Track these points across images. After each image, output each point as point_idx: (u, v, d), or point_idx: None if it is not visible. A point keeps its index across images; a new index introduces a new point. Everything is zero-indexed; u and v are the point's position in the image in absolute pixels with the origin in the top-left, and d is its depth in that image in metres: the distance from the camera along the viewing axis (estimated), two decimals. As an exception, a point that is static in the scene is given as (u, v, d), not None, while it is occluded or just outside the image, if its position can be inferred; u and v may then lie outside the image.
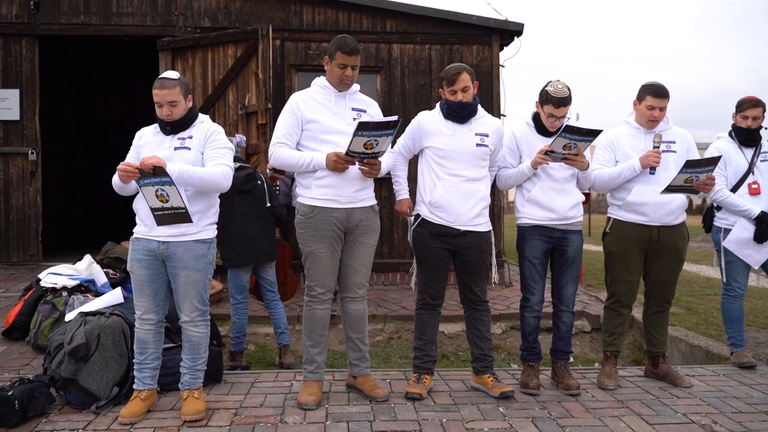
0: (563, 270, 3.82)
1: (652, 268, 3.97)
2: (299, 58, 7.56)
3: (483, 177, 3.67)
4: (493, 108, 7.55)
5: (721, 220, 4.36)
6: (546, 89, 3.67)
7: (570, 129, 3.52)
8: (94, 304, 4.07)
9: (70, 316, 4.03)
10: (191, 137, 3.32)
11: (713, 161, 3.75)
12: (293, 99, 3.53)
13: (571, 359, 4.58)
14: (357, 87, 3.62)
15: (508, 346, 5.79)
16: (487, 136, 3.64)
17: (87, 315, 3.65)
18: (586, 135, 3.56)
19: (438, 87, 3.72)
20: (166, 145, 3.31)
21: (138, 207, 3.31)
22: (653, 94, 3.83)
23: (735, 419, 3.38)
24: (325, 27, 7.57)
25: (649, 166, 3.76)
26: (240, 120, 7.00)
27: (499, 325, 6.03)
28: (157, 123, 3.38)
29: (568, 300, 3.86)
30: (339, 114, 3.49)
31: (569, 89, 3.66)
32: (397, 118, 3.31)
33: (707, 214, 4.53)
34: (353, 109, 3.53)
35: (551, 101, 3.63)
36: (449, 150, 3.58)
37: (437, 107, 3.71)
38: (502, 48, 7.89)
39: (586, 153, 3.70)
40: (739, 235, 4.24)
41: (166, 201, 3.09)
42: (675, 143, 3.91)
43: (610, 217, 4.02)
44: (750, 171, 4.29)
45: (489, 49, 7.73)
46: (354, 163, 3.37)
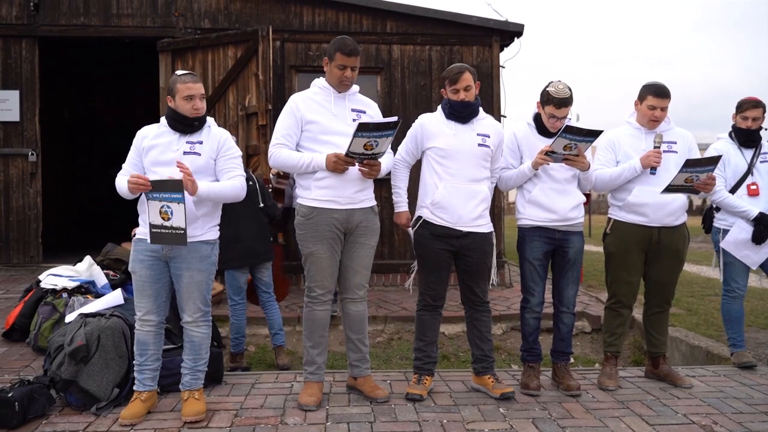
0: (564, 271, 3.82)
1: (652, 268, 3.97)
2: (299, 59, 7.57)
3: (484, 178, 3.67)
4: (494, 109, 7.55)
5: (721, 221, 4.36)
6: (547, 90, 3.67)
7: (570, 129, 3.52)
8: (94, 305, 4.07)
9: (70, 317, 4.03)
10: (201, 143, 3.29)
11: (713, 161, 3.75)
12: (293, 100, 3.53)
13: (572, 360, 4.58)
14: (356, 88, 3.62)
15: (508, 346, 5.79)
16: (489, 136, 3.65)
17: (87, 316, 3.64)
18: (586, 135, 3.55)
19: (439, 88, 3.72)
20: (174, 148, 3.27)
21: (142, 209, 3.32)
22: (654, 94, 3.83)
23: (735, 420, 3.38)
24: (325, 28, 7.57)
25: (650, 166, 3.76)
26: (240, 121, 7.00)
27: (500, 326, 6.03)
28: (166, 122, 3.33)
29: (568, 301, 3.86)
30: (338, 115, 3.49)
31: (570, 90, 3.66)
32: (397, 118, 3.31)
33: (707, 214, 4.53)
34: (353, 110, 3.53)
35: (552, 102, 3.63)
36: (451, 150, 3.58)
37: (439, 108, 3.71)
38: (502, 49, 7.89)
39: (586, 154, 3.70)
40: (737, 236, 4.24)
41: (167, 219, 3.11)
42: (676, 143, 3.91)
43: (610, 218, 4.02)
44: (749, 172, 4.29)
45: (489, 50, 7.73)
46: (354, 164, 3.37)
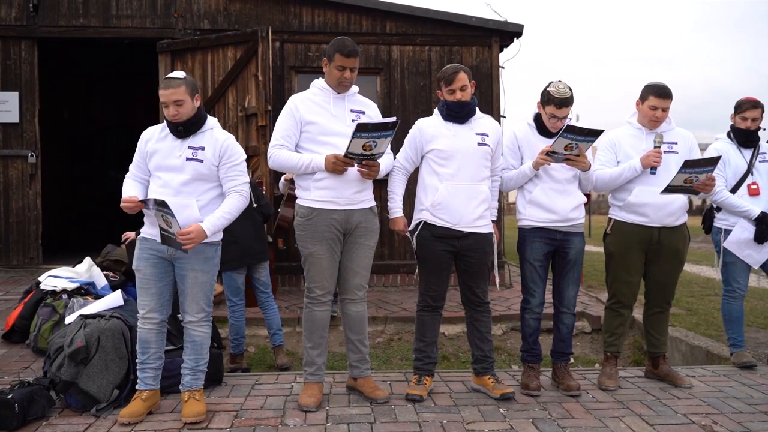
0: (565, 272, 3.82)
1: (652, 269, 3.97)
2: (299, 59, 7.56)
3: (485, 178, 3.67)
4: (493, 109, 7.54)
5: (721, 221, 4.36)
6: (547, 90, 3.67)
7: (571, 129, 3.51)
8: (93, 306, 4.06)
9: (69, 318, 4.03)
10: (203, 148, 3.27)
11: (713, 161, 3.75)
12: (292, 101, 3.53)
13: (572, 360, 4.58)
14: (356, 89, 3.62)
15: (508, 347, 5.78)
16: (488, 135, 3.65)
17: (87, 318, 3.64)
18: (587, 135, 3.55)
19: (437, 89, 3.72)
20: (176, 153, 3.27)
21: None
22: (656, 94, 3.83)
23: (735, 419, 3.38)
24: (325, 29, 7.57)
25: (650, 166, 3.76)
26: (240, 122, 7.00)
27: (500, 327, 6.02)
28: (166, 124, 3.33)
29: (569, 302, 3.85)
30: (338, 116, 3.49)
31: (571, 90, 3.66)
32: (396, 119, 3.31)
33: (707, 215, 4.53)
34: (352, 111, 3.53)
35: (553, 102, 3.63)
36: (452, 151, 3.57)
37: (435, 111, 3.71)
38: (501, 49, 7.89)
39: (587, 154, 3.70)
40: (740, 236, 4.24)
41: (169, 226, 3.16)
42: (677, 144, 3.91)
43: (610, 218, 4.02)
44: (749, 172, 4.29)
45: (489, 51, 7.73)
46: (353, 165, 3.37)
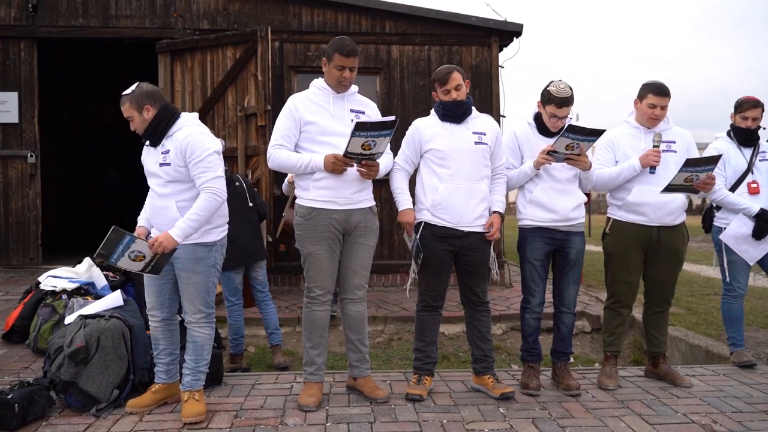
0: (565, 272, 3.82)
1: (651, 268, 3.97)
2: (298, 59, 7.56)
3: (484, 177, 3.66)
4: (493, 108, 7.55)
5: (721, 220, 4.35)
6: (548, 89, 3.67)
7: (573, 129, 3.51)
8: (93, 306, 4.06)
9: (69, 319, 4.03)
10: (169, 151, 3.26)
11: (713, 160, 3.75)
12: (291, 101, 3.53)
13: (572, 360, 4.58)
14: (355, 88, 3.62)
15: (508, 346, 5.79)
16: (485, 134, 3.64)
17: (86, 318, 3.64)
18: (589, 135, 3.55)
19: (432, 90, 3.72)
20: (153, 160, 3.33)
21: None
22: (655, 92, 3.83)
23: (735, 419, 3.38)
24: (324, 28, 7.57)
25: (649, 165, 3.76)
26: (239, 122, 7.00)
27: (500, 326, 6.02)
28: None
29: (569, 302, 3.85)
30: (337, 116, 3.49)
31: (571, 89, 3.65)
32: (395, 117, 3.31)
33: (707, 214, 4.53)
34: (352, 111, 3.53)
35: (553, 101, 3.63)
36: (449, 150, 3.57)
37: (432, 112, 3.71)
38: (501, 49, 7.89)
39: (587, 153, 3.69)
40: (737, 230, 4.24)
41: (143, 258, 3.17)
42: (675, 143, 3.91)
43: (609, 218, 4.02)
44: (749, 170, 4.29)
45: (488, 50, 7.73)
46: (352, 165, 3.37)
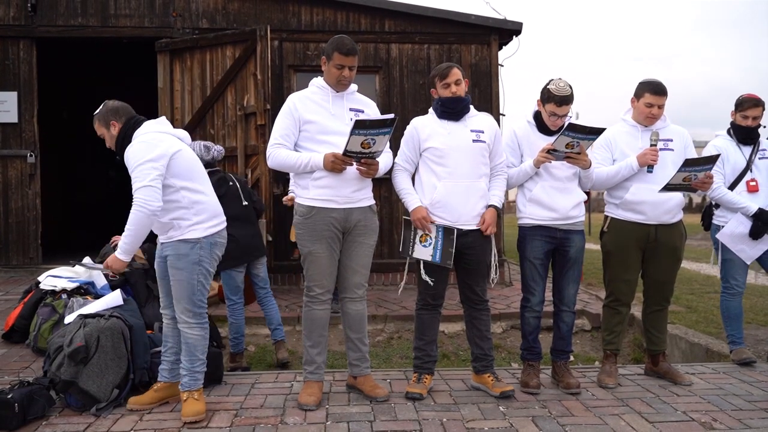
0: (565, 270, 3.82)
1: (650, 266, 3.97)
2: (298, 58, 7.56)
3: (483, 175, 3.66)
4: (493, 107, 7.55)
5: (720, 218, 4.36)
6: (548, 87, 3.67)
7: (573, 127, 3.51)
8: (93, 306, 4.06)
9: (69, 318, 4.03)
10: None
11: (711, 160, 3.75)
12: (290, 100, 3.53)
13: (572, 358, 4.58)
14: (355, 87, 3.62)
15: (508, 345, 5.79)
16: (483, 132, 3.64)
17: (86, 317, 3.64)
18: (589, 133, 3.55)
19: (431, 88, 3.72)
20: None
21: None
22: (652, 91, 3.83)
23: (735, 417, 3.38)
24: (324, 27, 7.56)
25: (647, 164, 3.76)
26: (239, 121, 7.00)
27: (500, 325, 6.03)
28: None
29: (569, 300, 3.85)
30: (337, 114, 3.49)
31: (571, 87, 3.65)
32: (394, 115, 3.31)
33: (706, 212, 4.53)
34: (351, 110, 3.52)
35: (553, 99, 3.63)
36: (447, 149, 3.57)
37: (430, 110, 3.71)
38: (500, 47, 7.88)
39: (587, 151, 3.69)
40: (734, 229, 4.24)
41: (115, 276, 3.23)
42: (672, 141, 3.91)
43: (607, 216, 4.02)
44: (748, 168, 4.29)
45: (488, 49, 7.73)
46: (352, 164, 3.37)
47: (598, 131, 3.58)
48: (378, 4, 7.55)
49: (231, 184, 4.82)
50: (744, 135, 4.33)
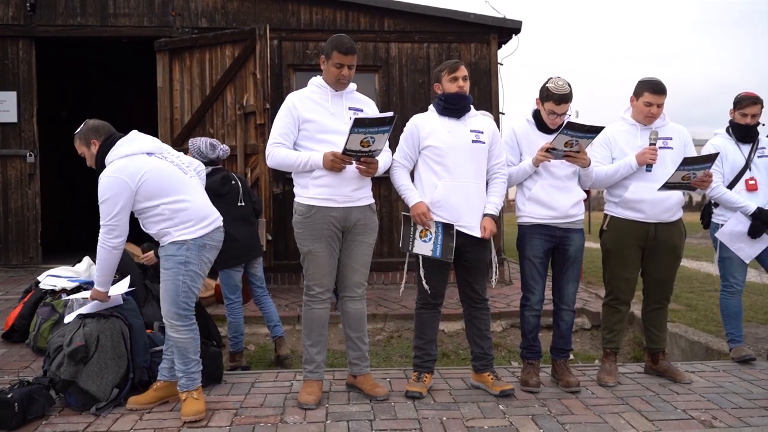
0: (564, 269, 3.82)
1: (649, 265, 3.97)
2: (297, 57, 7.56)
3: (482, 175, 3.66)
4: (492, 106, 7.55)
5: (719, 216, 4.36)
6: (547, 86, 3.67)
7: (572, 126, 3.51)
8: (93, 306, 4.05)
9: (69, 318, 4.02)
10: None
11: (711, 158, 3.75)
12: (290, 99, 3.53)
13: (571, 357, 4.58)
14: (354, 86, 3.62)
15: (508, 344, 5.79)
16: (482, 132, 3.64)
17: (86, 317, 3.64)
18: (588, 132, 3.55)
19: (435, 82, 3.71)
20: None
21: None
22: (651, 90, 3.82)
23: (735, 415, 3.39)
24: (323, 26, 7.56)
25: (646, 162, 3.76)
26: (238, 120, 6.99)
27: (499, 323, 6.02)
28: None
29: (569, 299, 3.86)
30: (336, 113, 3.49)
31: (570, 86, 3.65)
32: (393, 113, 3.30)
33: (706, 210, 4.53)
34: (350, 109, 3.52)
35: (552, 98, 3.63)
36: (447, 148, 3.57)
37: (431, 107, 3.71)
38: (500, 46, 7.89)
39: (586, 150, 3.69)
40: (733, 228, 4.24)
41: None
42: (672, 139, 3.91)
43: (607, 214, 4.02)
44: (747, 167, 4.29)
45: (487, 47, 7.73)
46: (351, 163, 3.37)
47: (596, 129, 3.58)
48: (377, 3, 7.55)
49: (234, 183, 4.83)
50: (743, 133, 4.33)
